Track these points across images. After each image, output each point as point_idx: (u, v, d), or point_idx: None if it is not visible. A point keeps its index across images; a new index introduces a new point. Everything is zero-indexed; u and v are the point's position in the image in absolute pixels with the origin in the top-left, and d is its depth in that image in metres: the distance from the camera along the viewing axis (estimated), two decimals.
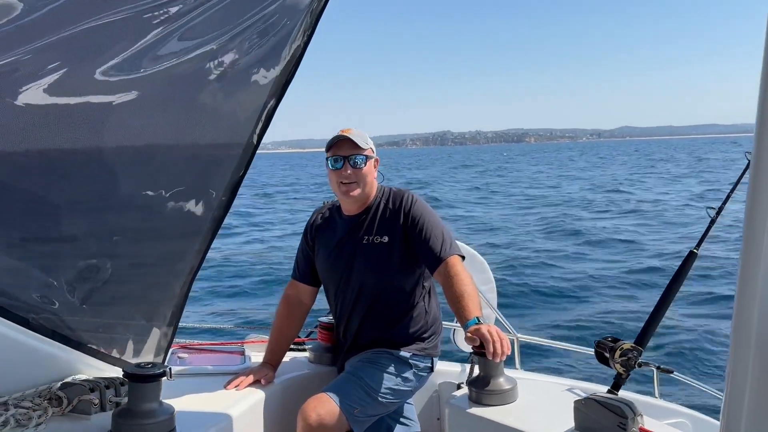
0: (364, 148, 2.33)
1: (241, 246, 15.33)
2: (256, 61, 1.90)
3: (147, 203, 1.99)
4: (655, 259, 11.76)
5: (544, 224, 17.66)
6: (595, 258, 12.38)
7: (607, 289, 9.71)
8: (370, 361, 2.30)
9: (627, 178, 37.55)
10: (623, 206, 21.92)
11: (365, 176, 2.34)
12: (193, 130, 1.94)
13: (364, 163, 2.32)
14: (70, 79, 1.71)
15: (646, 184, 32.22)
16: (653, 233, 15.51)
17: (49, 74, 1.68)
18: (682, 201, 23.14)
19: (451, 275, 2.17)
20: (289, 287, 2.56)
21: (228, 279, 11.09)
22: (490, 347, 1.84)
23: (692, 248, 2.10)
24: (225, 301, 9.37)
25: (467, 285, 2.13)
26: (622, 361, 1.94)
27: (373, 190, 2.40)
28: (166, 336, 2.20)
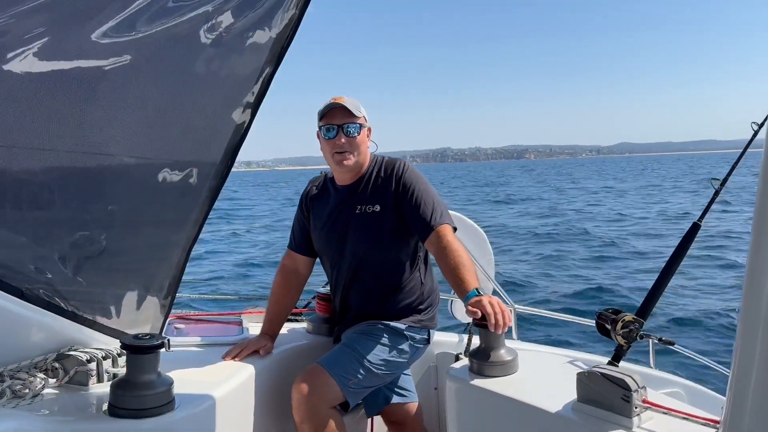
0: (358, 116, 2.28)
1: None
2: (252, 24, 1.83)
3: (142, 172, 1.95)
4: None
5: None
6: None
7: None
8: (365, 332, 2.28)
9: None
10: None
11: (359, 145, 2.29)
12: (188, 96, 1.89)
13: (357, 132, 2.28)
14: (59, 44, 1.64)
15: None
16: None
17: (38, 38, 1.61)
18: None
19: (443, 245, 2.13)
20: (285, 257, 2.54)
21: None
22: (492, 319, 1.83)
23: (695, 220, 2.08)
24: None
25: (461, 255, 2.10)
26: (623, 333, 1.93)
27: (366, 159, 2.36)
28: (163, 307, 2.18)
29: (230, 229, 20.80)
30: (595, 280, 10.10)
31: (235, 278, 10.94)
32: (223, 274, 11.18)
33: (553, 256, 12.94)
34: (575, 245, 14.80)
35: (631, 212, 23.46)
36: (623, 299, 8.23)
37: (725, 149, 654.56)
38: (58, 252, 1.94)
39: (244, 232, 20.22)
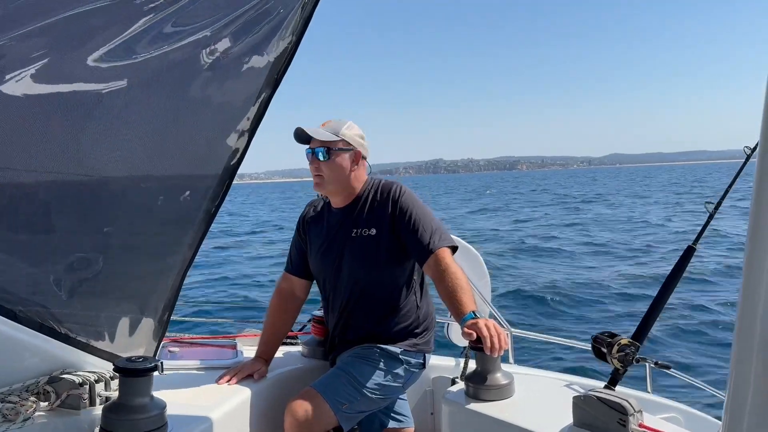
0: (329, 140, 2.27)
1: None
2: (250, 49, 1.86)
3: (138, 195, 1.95)
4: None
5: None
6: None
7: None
8: (360, 356, 2.27)
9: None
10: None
11: (333, 169, 2.28)
12: (185, 120, 1.90)
13: (326, 156, 2.27)
14: (56, 68, 1.66)
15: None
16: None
17: (36, 61, 1.63)
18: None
19: (442, 268, 2.12)
20: (282, 280, 2.53)
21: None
22: (488, 342, 1.82)
23: (690, 244, 2.09)
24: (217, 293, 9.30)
25: (459, 278, 2.09)
26: (619, 357, 1.92)
27: (355, 183, 2.34)
28: (157, 330, 2.16)
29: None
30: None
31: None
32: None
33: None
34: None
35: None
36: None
37: (716, 159, 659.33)
38: (52, 274, 1.93)
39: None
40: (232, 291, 10.53)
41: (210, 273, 12.76)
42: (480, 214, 31.76)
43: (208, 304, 8.21)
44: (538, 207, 37.48)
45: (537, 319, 8.60)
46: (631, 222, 23.64)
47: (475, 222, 26.47)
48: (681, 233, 18.53)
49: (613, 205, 34.36)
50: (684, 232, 18.82)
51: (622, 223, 23.00)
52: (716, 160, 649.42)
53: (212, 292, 9.98)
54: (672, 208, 30.57)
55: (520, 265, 13.52)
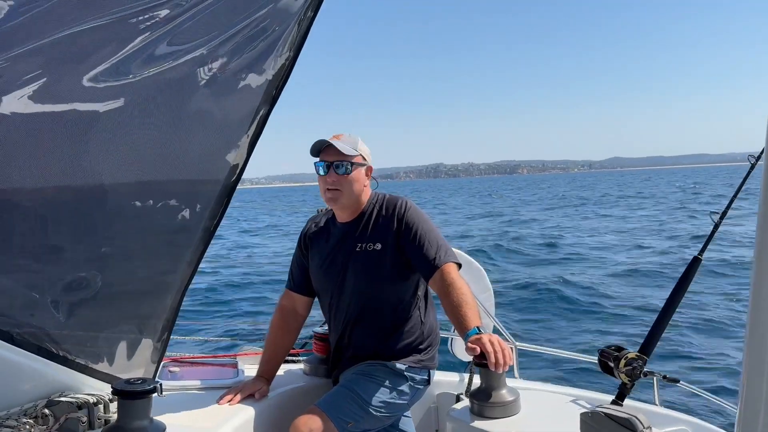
0: (352, 154, 2.27)
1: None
2: (246, 66, 1.85)
3: (135, 213, 1.94)
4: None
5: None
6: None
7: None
8: (364, 373, 2.24)
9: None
10: None
11: (350, 184, 2.28)
12: (182, 137, 1.89)
13: (348, 171, 2.26)
14: (53, 87, 1.66)
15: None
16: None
17: (32, 82, 1.62)
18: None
19: (447, 283, 2.11)
20: (283, 297, 2.51)
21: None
22: (492, 358, 1.79)
23: (696, 254, 2.06)
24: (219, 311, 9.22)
25: (464, 293, 2.08)
26: (627, 371, 1.89)
27: (363, 198, 2.34)
28: (156, 350, 2.13)
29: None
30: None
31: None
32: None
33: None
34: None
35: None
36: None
37: (717, 163, 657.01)
38: (49, 295, 1.91)
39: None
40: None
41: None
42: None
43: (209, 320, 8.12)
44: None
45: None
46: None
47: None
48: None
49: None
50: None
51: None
52: (717, 163, 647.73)
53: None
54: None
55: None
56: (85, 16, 1.60)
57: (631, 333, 7.41)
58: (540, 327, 8.40)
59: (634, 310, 8.98)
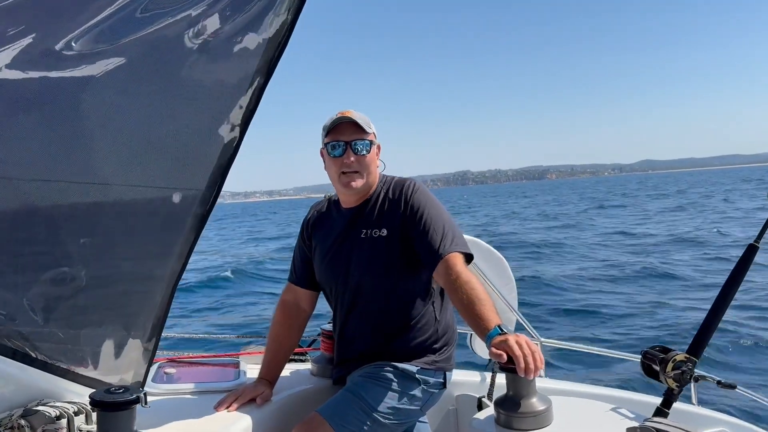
0: (368, 132, 2.05)
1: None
2: (240, 30, 1.62)
3: (118, 200, 1.72)
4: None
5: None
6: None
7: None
8: (371, 376, 2.01)
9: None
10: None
11: (369, 164, 2.06)
12: (170, 112, 1.67)
13: (367, 150, 2.04)
14: (30, 50, 1.45)
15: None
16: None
17: (7, 44, 1.42)
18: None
19: (452, 277, 1.86)
20: (285, 292, 2.28)
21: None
22: (521, 362, 1.55)
23: (752, 242, 1.81)
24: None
25: (473, 288, 1.81)
26: (675, 375, 1.65)
27: (375, 180, 2.13)
28: (146, 350, 1.93)
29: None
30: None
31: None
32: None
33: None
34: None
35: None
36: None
37: (750, 163, 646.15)
38: (25, 293, 1.71)
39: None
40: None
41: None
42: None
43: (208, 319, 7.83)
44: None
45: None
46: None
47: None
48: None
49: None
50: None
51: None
52: (751, 163, 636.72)
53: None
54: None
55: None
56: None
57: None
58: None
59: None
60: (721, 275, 11.59)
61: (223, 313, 9.03)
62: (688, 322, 7.36)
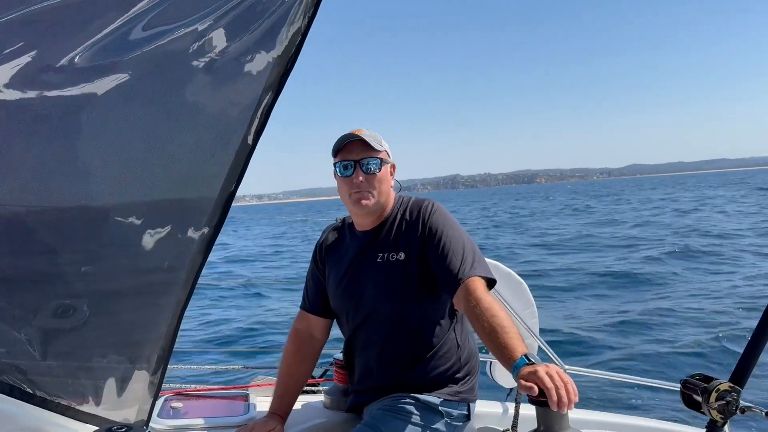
0: (379, 150, 1.97)
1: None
2: (248, 48, 1.55)
3: (120, 225, 1.64)
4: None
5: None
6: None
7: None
8: (392, 409, 1.90)
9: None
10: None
11: (380, 183, 1.97)
12: (174, 132, 1.60)
13: (378, 168, 1.96)
14: (30, 66, 1.39)
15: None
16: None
17: (6, 61, 1.36)
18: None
19: (472, 303, 1.75)
20: (298, 320, 2.18)
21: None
22: (554, 395, 1.43)
23: None
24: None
25: (496, 315, 1.70)
26: (719, 407, 1.53)
27: (389, 201, 2.03)
28: (152, 383, 1.83)
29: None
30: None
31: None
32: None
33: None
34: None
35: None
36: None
37: (737, 167, 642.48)
38: (23, 324, 1.63)
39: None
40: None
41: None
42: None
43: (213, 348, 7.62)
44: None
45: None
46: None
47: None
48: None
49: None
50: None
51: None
52: (738, 168, 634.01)
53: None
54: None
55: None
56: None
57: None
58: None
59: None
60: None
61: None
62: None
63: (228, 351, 6.80)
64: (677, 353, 6.54)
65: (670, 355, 6.49)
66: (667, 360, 6.35)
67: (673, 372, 5.76)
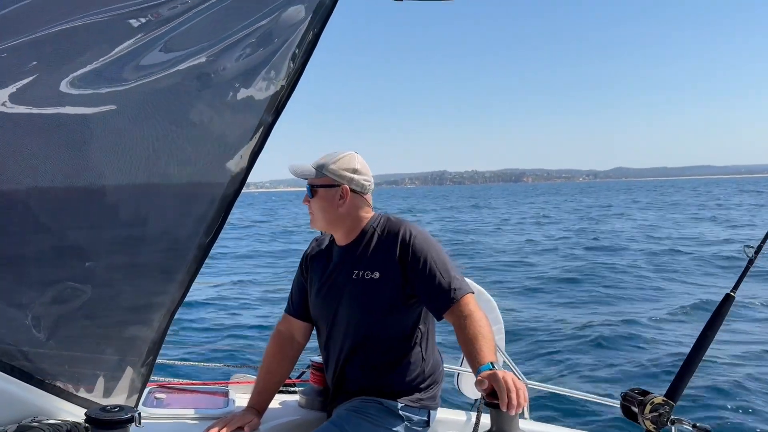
0: (313, 176, 2.14)
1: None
2: (250, 76, 1.73)
3: (123, 226, 1.81)
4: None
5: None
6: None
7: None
8: (356, 410, 2.05)
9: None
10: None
11: (318, 207, 2.14)
12: (178, 149, 1.77)
13: (311, 194, 2.15)
14: (37, 89, 1.55)
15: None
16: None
17: (15, 81, 1.51)
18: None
19: (465, 315, 1.95)
20: (281, 322, 2.34)
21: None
22: (504, 396, 1.61)
23: (729, 291, 1.90)
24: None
25: (482, 326, 1.91)
26: (652, 417, 1.72)
27: (347, 219, 2.15)
28: (141, 375, 1.98)
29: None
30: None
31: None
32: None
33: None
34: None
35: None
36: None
37: (721, 175, 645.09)
38: (26, 311, 1.78)
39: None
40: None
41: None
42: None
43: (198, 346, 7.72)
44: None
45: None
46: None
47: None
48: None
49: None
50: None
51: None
52: (721, 175, 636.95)
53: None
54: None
55: None
56: (76, 13, 1.49)
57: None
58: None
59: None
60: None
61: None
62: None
63: (209, 348, 6.90)
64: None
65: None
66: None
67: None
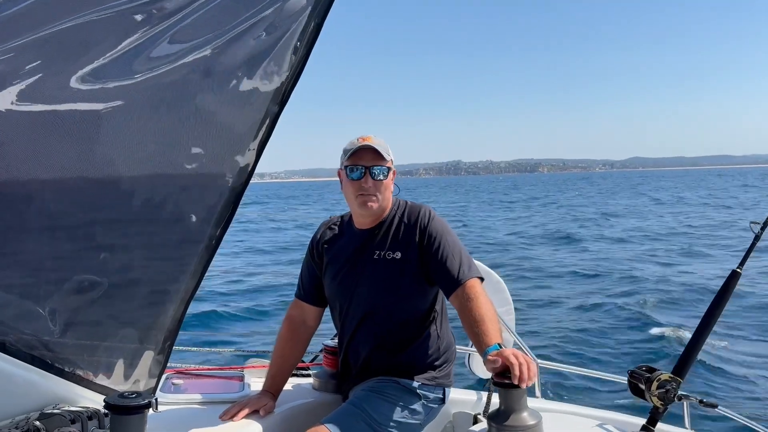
0: (387, 159, 2.16)
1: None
2: (255, 67, 1.74)
3: (137, 219, 1.84)
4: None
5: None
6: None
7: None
8: (374, 390, 2.11)
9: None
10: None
11: (385, 189, 2.17)
12: (186, 141, 1.79)
13: (385, 176, 2.15)
14: (46, 85, 1.57)
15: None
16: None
17: (23, 79, 1.54)
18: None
19: (470, 298, 1.99)
20: (292, 307, 2.39)
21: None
22: (516, 370, 1.65)
23: (735, 267, 1.91)
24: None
25: (487, 309, 1.96)
26: (659, 394, 1.74)
27: (389, 203, 2.23)
28: (158, 362, 2.03)
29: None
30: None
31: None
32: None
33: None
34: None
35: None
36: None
37: (740, 164, 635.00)
38: (45, 303, 1.82)
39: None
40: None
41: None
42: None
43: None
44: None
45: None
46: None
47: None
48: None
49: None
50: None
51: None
52: (740, 165, 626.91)
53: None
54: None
55: None
56: (80, 10, 1.51)
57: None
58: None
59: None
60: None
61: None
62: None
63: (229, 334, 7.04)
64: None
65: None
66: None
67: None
